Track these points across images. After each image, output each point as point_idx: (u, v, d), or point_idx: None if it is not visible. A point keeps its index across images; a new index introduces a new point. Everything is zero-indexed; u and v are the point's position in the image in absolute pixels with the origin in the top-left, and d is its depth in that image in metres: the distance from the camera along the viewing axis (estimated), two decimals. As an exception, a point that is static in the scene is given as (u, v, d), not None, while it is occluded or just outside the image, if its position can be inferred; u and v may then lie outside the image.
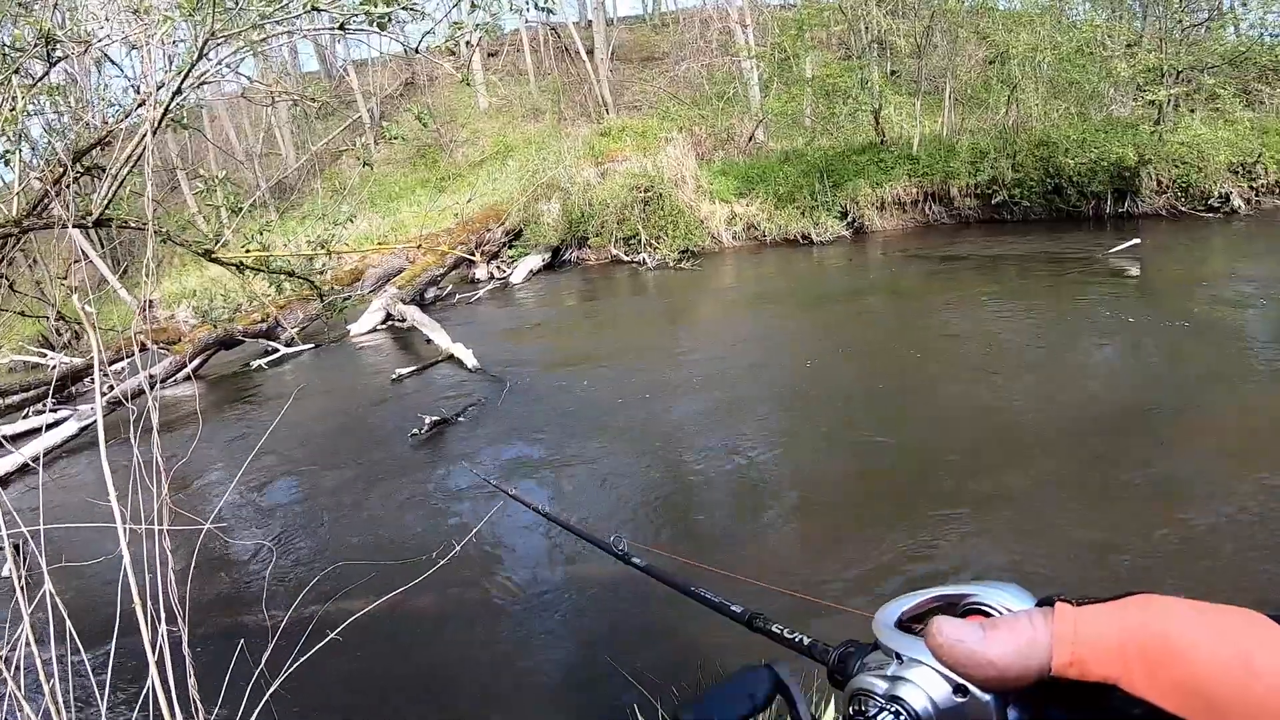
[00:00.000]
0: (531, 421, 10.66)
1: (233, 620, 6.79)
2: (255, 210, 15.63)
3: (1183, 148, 18.31)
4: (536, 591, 6.91)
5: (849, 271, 18.05)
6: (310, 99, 9.48)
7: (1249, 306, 11.99)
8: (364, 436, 11.30)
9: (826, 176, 20.90)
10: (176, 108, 5.58)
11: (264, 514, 9.34)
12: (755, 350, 12.56)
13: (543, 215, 22.13)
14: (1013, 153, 19.43)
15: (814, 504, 7.70)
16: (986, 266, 15.88)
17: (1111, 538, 6.44)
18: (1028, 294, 13.64)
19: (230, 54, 5.71)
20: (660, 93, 32.77)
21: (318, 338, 17.21)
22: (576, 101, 34.22)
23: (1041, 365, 10.46)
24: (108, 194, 5.61)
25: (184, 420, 12.00)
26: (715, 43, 32.61)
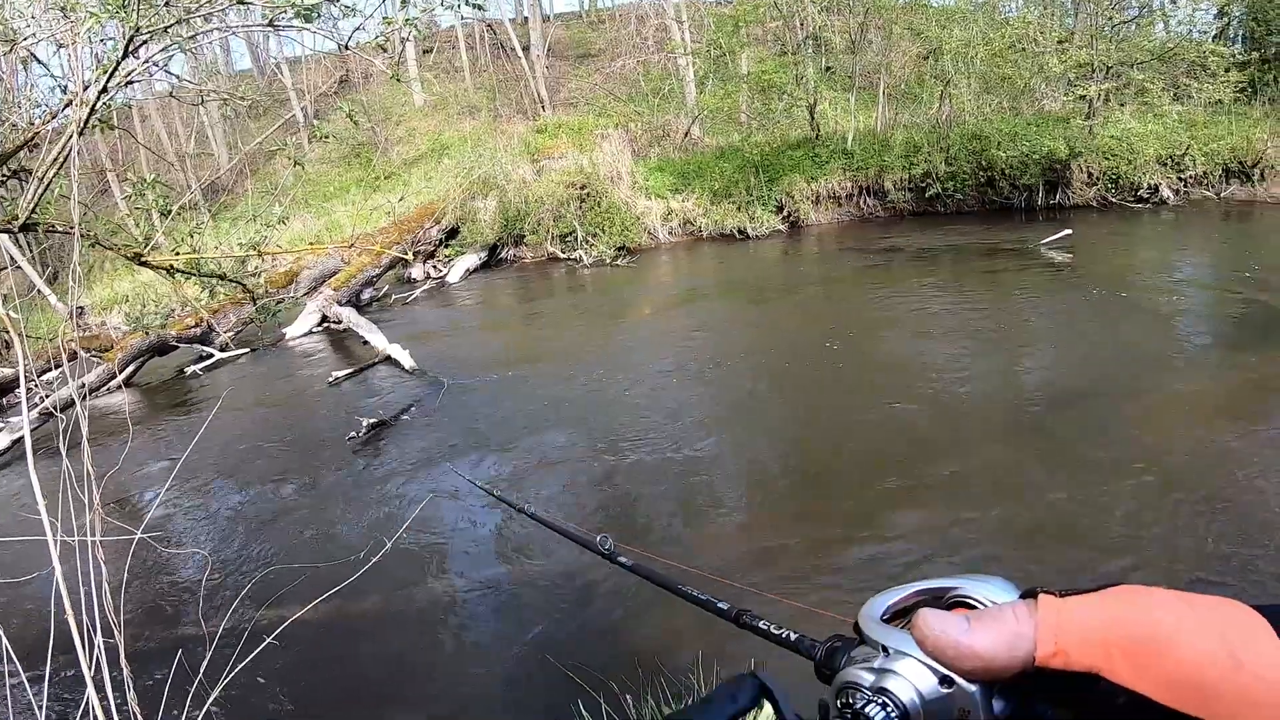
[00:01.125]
0: (471, 421, 10.62)
1: (170, 630, 6.70)
2: (187, 212, 15.42)
3: (1113, 141, 18.68)
4: (474, 591, 6.90)
5: (785, 265, 18.16)
6: (240, 98, 9.34)
7: (1176, 293, 12.28)
8: (301, 440, 11.19)
9: (762, 172, 21.04)
10: (104, 108, 5.49)
11: (200, 521, 9.23)
12: (692, 346, 12.59)
13: (479, 213, 21.99)
14: (946, 146, 19.68)
15: (755, 496, 7.77)
16: (921, 258, 16.05)
17: (1048, 514, 6.60)
18: (962, 284, 13.82)
19: (158, 51, 5.63)
20: (596, 89, 32.75)
21: (253, 342, 16.99)
22: (512, 98, 34.08)
23: (976, 353, 10.62)
24: (34, 197, 5.51)
25: (117, 429, 11.81)
26: (651, 39, 32.66)
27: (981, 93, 20.29)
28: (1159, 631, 0.56)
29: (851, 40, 23.04)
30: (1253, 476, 6.88)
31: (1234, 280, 12.76)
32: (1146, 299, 12.09)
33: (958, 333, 11.47)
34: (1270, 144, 18.48)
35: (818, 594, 6.00)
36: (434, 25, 36.28)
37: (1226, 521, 6.26)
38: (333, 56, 38.83)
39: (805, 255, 18.84)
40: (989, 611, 0.63)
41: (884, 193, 20.83)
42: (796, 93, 21.96)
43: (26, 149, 6.25)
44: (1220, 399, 8.61)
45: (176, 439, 11.94)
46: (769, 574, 6.37)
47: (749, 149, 22.23)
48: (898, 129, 21.36)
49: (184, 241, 6.98)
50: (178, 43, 5.47)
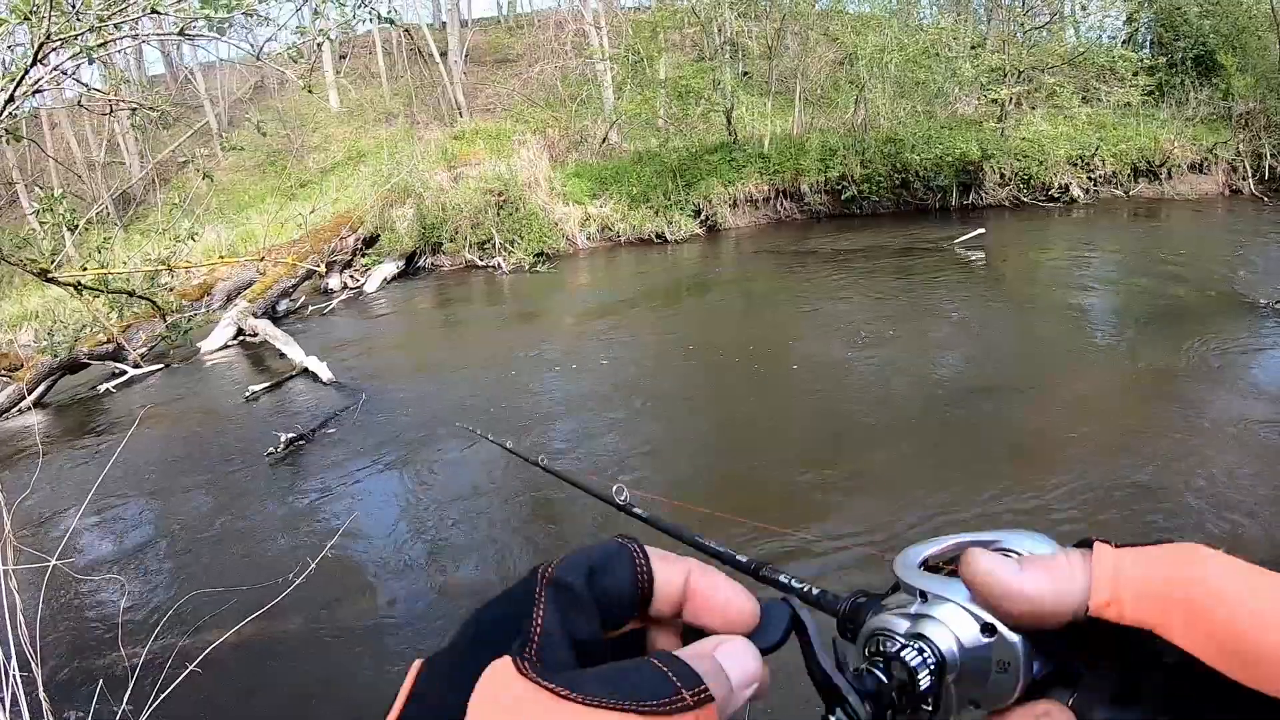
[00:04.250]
0: (390, 433, 10.55)
1: (90, 660, 6.56)
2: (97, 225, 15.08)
3: (1025, 143, 19.10)
4: (401, 606, 6.87)
5: (703, 268, 18.29)
6: (150, 108, 9.14)
7: (1085, 288, 12.60)
8: (219, 457, 11.02)
9: (680, 176, 21.12)
10: (9, 117, 5.38)
11: (116, 546, 9.04)
12: (610, 350, 12.64)
13: (397, 221, 21.79)
14: (861, 150, 19.94)
15: (675, 499, 7.79)
16: (837, 259, 16.24)
17: (962, 502, 6.72)
18: (877, 283, 14.03)
19: (68, 59, 5.53)
20: (514, 95, 32.67)
21: (167, 357, 16.68)
22: (430, 104, 33.91)
23: (890, 349, 10.86)
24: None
25: (27, 452, 11.56)
26: (570, 45, 32.62)
27: (896, 97, 20.54)
28: (1218, 593, 0.54)
29: (768, 46, 23.19)
30: (1152, 458, 7.18)
31: (1142, 275, 13.12)
32: (1056, 294, 12.40)
33: (873, 331, 11.64)
34: (1176, 144, 19.00)
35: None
36: (350, 30, 35.93)
37: (1125, 507, 6.51)
38: (248, 61, 38.35)
39: (723, 258, 18.98)
40: (1041, 557, 0.61)
41: (801, 196, 21.04)
42: (714, 98, 22.09)
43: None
44: (1124, 388, 8.97)
45: (91, 460, 11.69)
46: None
47: (667, 154, 22.29)
48: (814, 133, 21.56)
49: (92, 256, 6.84)
50: (88, 51, 5.38)
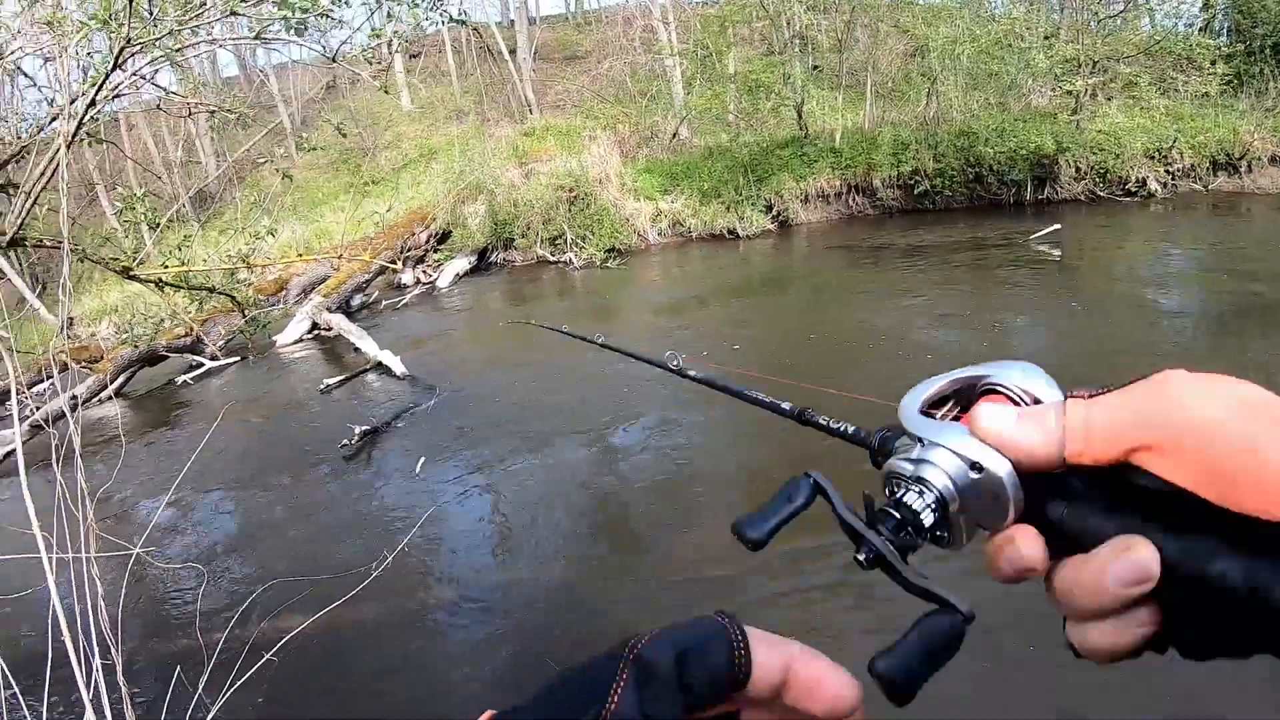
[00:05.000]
0: (463, 427, 10.60)
1: (168, 646, 6.69)
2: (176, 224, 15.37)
3: (1100, 135, 18.68)
4: (475, 597, 6.89)
5: (774, 264, 18.14)
6: (228, 110, 9.32)
7: (1164, 286, 12.30)
8: (293, 449, 11.16)
9: (751, 171, 21.01)
10: (91, 120, 5.49)
11: (194, 534, 9.20)
12: (682, 345, 12.50)
13: (469, 218, 21.95)
14: (934, 144, 19.67)
15: (737, 495, 7.78)
16: (910, 255, 16.03)
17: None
18: (951, 280, 13.82)
19: (146, 64, 5.63)
20: (583, 92, 32.71)
21: (243, 350, 16.95)
22: (500, 102, 34.03)
23: (963, 347, 10.60)
24: (21, 212, 5.50)
25: (109, 441, 11.77)
26: (638, 41, 32.57)
27: (969, 89, 20.30)
28: (1190, 421, 0.56)
29: (838, 39, 23.02)
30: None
31: (1221, 271, 12.78)
32: (1134, 291, 12.13)
33: (945, 328, 11.48)
34: (1256, 136, 18.50)
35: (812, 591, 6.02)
36: (421, 31, 36.18)
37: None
38: (320, 63, 38.74)
39: (795, 254, 18.84)
40: (1034, 410, 0.66)
41: (873, 191, 20.80)
42: (784, 92, 21.95)
43: (12, 163, 6.24)
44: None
45: (169, 450, 11.91)
46: (752, 564, 6.39)
47: (737, 149, 22.18)
48: (885, 127, 21.33)
49: (172, 254, 6.96)
50: (169, 54, 5.47)
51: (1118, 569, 0.58)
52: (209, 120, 27.51)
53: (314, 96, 38.60)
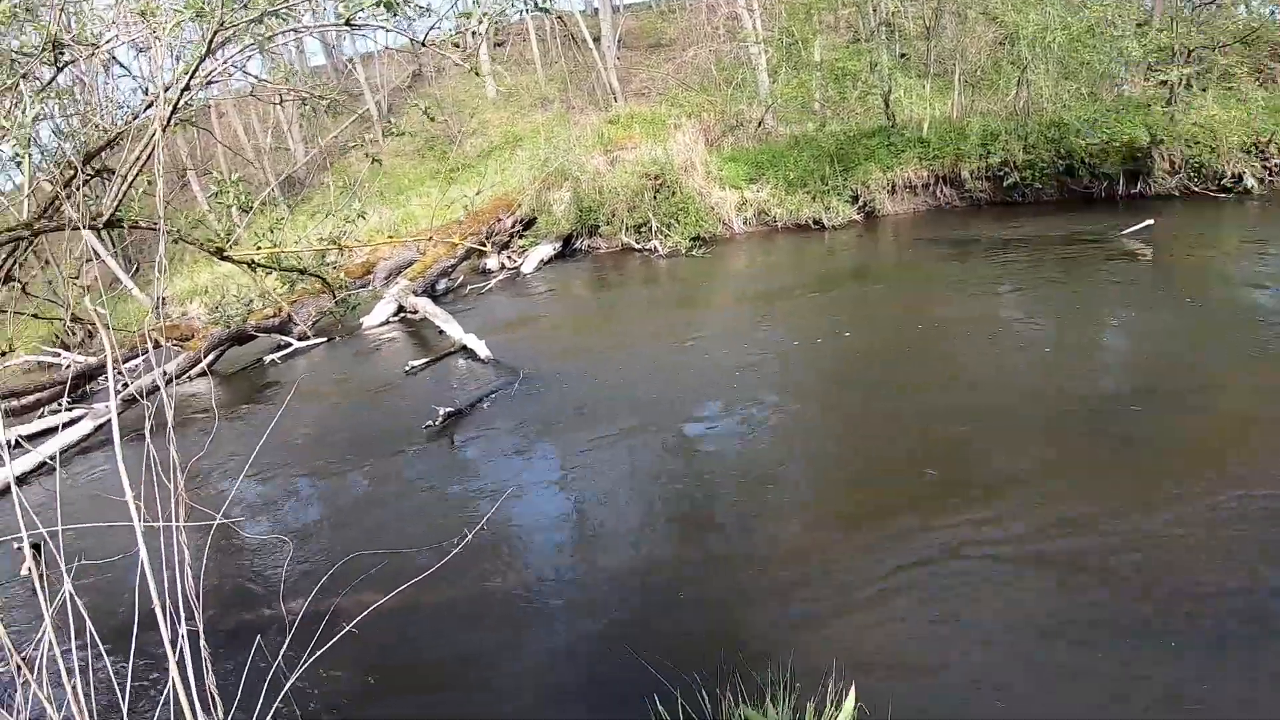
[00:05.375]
0: (547, 410, 10.69)
1: (249, 615, 6.84)
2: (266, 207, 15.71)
3: (1195, 128, 18.16)
4: (553, 581, 6.96)
5: (860, 256, 17.95)
6: (319, 97, 9.52)
7: (1261, 285, 11.91)
8: (378, 428, 11.34)
9: (837, 161, 20.77)
10: (185, 106, 5.60)
11: (279, 507, 9.40)
12: (769, 336, 12.55)
13: (553, 204, 22.09)
14: (1024, 134, 19.30)
15: (825, 489, 7.74)
16: (998, 249, 15.77)
17: (1125, 515, 6.43)
18: (1040, 276, 13.56)
19: (237, 52, 5.74)
20: (668, 80, 32.65)
21: (330, 331, 17.25)
22: (584, 89, 34.11)
23: (1055, 346, 10.43)
24: (118, 194, 5.64)
25: (198, 416, 12.05)
26: (722, 28, 32.42)
27: (1060, 78, 19.87)
28: None
29: (925, 26, 22.74)
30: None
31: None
32: (1228, 292, 11.81)
33: (1032, 325, 11.28)
34: (1360, 131, 17.91)
35: (873, 574, 6.00)
36: (505, 19, 36.43)
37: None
38: (405, 51, 39.14)
39: (881, 246, 18.65)
40: None
41: (961, 182, 20.43)
42: (870, 80, 21.72)
43: (108, 148, 6.39)
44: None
45: (256, 426, 12.16)
46: (829, 560, 6.36)
47: (823, 138, 21.98)
48: (974, 116, 20.96)
49: (264, 236, 7.11)
50: (257, 42, 5.57)
51: None
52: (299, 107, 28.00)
53: (400, 85, 39.00)
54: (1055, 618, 5.35)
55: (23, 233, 5.46)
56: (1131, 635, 5.12)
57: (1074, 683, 4.80)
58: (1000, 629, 5.30)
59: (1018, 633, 5.25)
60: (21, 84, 5.47)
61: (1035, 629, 5.26)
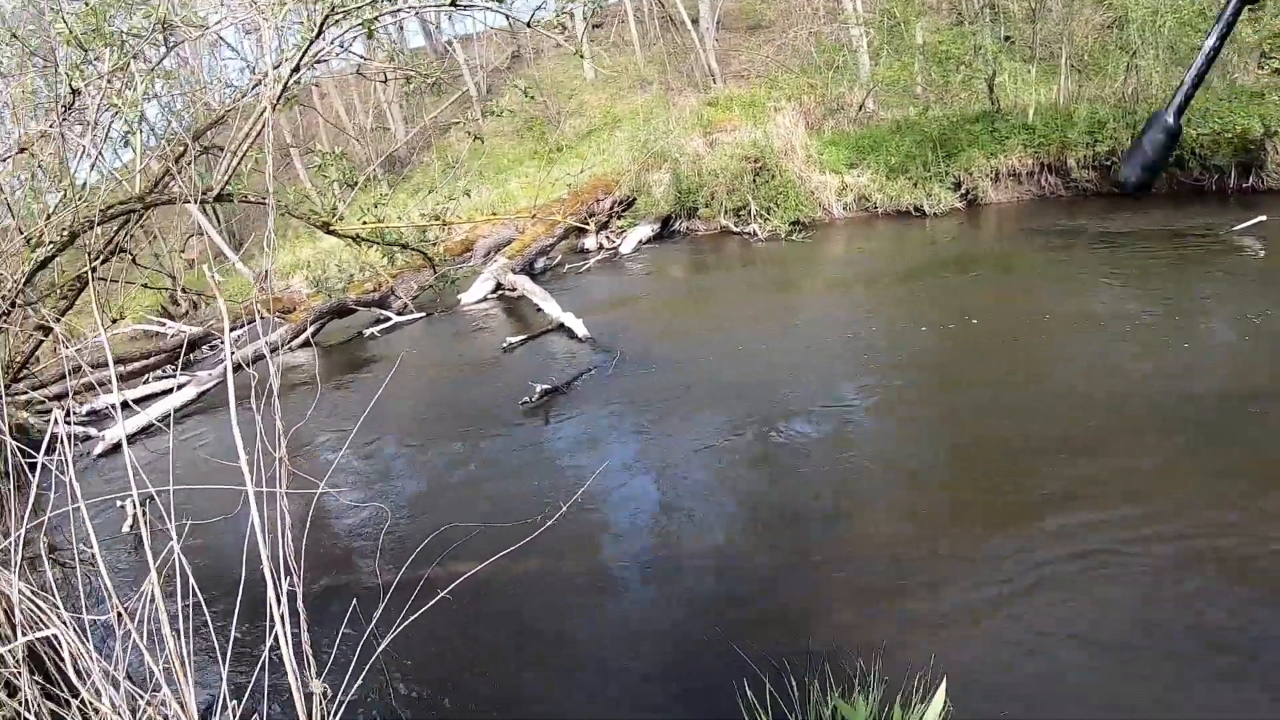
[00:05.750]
0: (643, 391, 10.74)
1: (346, 579, 7.03)
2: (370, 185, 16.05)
3: (1312, 120, 17.56)
4: (641, 562, 7.01)
5: (961, 245, 17.68)
6: (424, 76, 9.70)
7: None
8: (475, 403, 11.50)
9: (940, 147, 20.49)
10: (294, 84, 5.74)
11: (376, 477, 9.60)
12: (869, 324, 12.46)
13: (652, 186, 22.13)
14: (1132, 123, 18.79)
15: (925, 483, 7.64)
16: (1104, 241, 15.42)
17: (1228, 521, 6.26)
18: (1146, 271, 13.20)
19: (344, 32, 5.84)
20: (767, 62, 32.44)
21: (429, 306, 17.51)
22: (683, 71, 34.06)
23: (1159, 345, 10.10)
24: (228, 170, 5.79)
25: (298, 386, 12.31)
26: (822, 10, 32.14)
27: (1171, 65, 19.37)
28: None
29: (1031, 8, 22.31)
30: None
31: None
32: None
33: (1139, 323, 10.97)
34: None
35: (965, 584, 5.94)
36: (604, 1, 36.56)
37: None
38: (504, 33, 39.42)
39: (983, 235, 18.36)
40: None
41: (1066, 171, 19.91)
42: (974, 64, 21.38)
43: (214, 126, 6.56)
44: None
45: (355, 397, 12.41)
46: (923, 557, 6.31)
47: (926, 123, 21.67)
48: (1081, 103, 20.49)
49: (368, 212, 7.25)
50: (364, 23, 5.68)
51: None
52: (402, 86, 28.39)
53: (499, 66, 39.31)
54: (1162, 630, 5.21)
55: (135, 205, 5.63)
56: (1256, 653, 4.97)
57: (1188, 702, 4.68)
58: (1107, 638, 5.17)
59: (1125, 643, 5.12)
60: (132, 64, 5.64)
61: (1144, 641, 5.13)
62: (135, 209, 5.66)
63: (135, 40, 5.62)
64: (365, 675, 2.91)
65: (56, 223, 5.29)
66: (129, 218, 5.80)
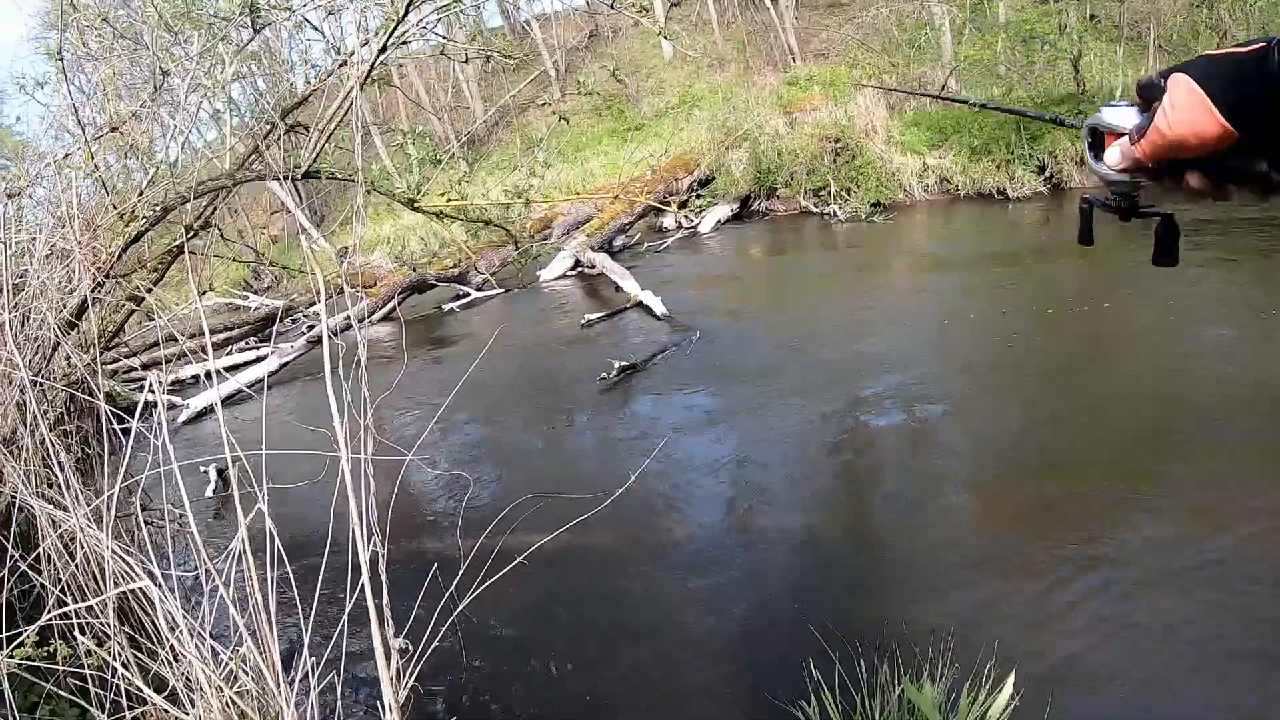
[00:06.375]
0: (722, 370, 10.79)
1: (426, 545, 7.20)
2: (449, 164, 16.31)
3: None
4: (712, 537, 7.08)
5: (1046, 229, 17.38)
6: (506, 56, 9.85)
7: None
8: (554, 378, 11.64)
9: (1024, 129, 20.21)
10: (381, 65, 5.87)
11: (458, 448, 9.77)
12: (950, 310, 12.35)
13: (731, 165, 22.07)
14: (1222, 104, 18.37)
15: (1004, 473, 7.55)
16: (1190, 228, 14.97)
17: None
18: (1234, 261, 12.83)
19: (429, 13, 5.95)
20: (848, 40, 32.16)
21: (508, 283, 17.69)
22: (762, 50, 33.88)
23: (1238, 342, 9.75)
24: (316, 147, 5.92)
25: (380, 359, 12.52)
26: (906, -13, 31.86)
27: (1263, 45, 18.82)
28: (1164, 135, 1.13)
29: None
30: None
31: None
32: None
33: (1224, 315, 10.67)
34: None
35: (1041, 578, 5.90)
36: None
37: None
38: (581, 12, 39.50)
39: (1066, 220, 17.97)
40: (1124, 146, 1.24)
41: (1156, 155, 19.52)
42: (1059, 43, 21.02)
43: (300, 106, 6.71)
44: None
45: (435, 371, 12.61)
46: (1000, 549, 6.29)
47: (1010, 103, 21.39)
48: (1170, 84, 20.05)
49: (452, 188, 7.36)
50: (447, 6, 5.79)
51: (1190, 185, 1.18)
52: (483, 65, 28.59)
53: (577, 45, 39.41)
54: (1246, 637, 5.13)
55: (226, 181, 5.78)
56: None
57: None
58: (1185, 641, 5.11)
59: (1203, 647, 5.05)
60: (220, 46, 5.79)
61: (1224, 646, 5.05)
62: (226, 185, 5.81)
63: (223, 23, 5.76)
64: (443, 636, 2.99)
65: (149, 198, 5.45)
66: (218, 194, 5.95)
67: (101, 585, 3.07)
